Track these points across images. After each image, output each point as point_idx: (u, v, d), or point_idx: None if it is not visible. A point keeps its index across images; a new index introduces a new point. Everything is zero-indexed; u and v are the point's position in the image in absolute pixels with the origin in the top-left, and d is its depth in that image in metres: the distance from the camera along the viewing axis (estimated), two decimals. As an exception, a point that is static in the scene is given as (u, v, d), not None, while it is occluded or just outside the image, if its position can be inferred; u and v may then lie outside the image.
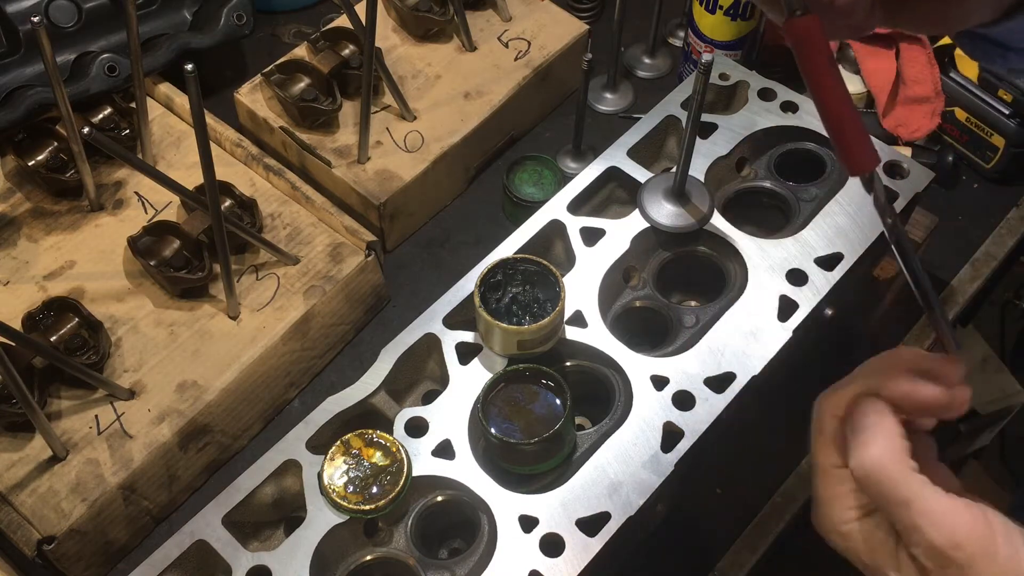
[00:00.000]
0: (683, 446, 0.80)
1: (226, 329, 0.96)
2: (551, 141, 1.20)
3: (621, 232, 0.93)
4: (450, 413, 0.83)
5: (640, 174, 0.96)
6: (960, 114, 1.17)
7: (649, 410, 0.82)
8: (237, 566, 0.77)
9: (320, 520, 0.78)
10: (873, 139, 0.56)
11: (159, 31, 1.13)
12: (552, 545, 0.76)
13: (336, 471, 0.78)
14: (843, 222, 0.92)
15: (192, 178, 1.01)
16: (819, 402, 0.59)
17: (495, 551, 0.77)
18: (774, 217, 0.99)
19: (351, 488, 0.78)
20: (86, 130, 0.82)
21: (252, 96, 1.13)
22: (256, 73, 1.13)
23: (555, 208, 0.94)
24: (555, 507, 0.78)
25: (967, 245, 1.14)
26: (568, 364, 0.88)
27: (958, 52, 1.15)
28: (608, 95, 1.24)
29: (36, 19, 0.85)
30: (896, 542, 0.54)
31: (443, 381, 0.86)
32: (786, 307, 0.88)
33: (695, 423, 0.81)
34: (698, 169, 0.95)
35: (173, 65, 1.10)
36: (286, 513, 0.84)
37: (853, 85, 1.19)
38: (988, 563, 0.50)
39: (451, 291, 0.89)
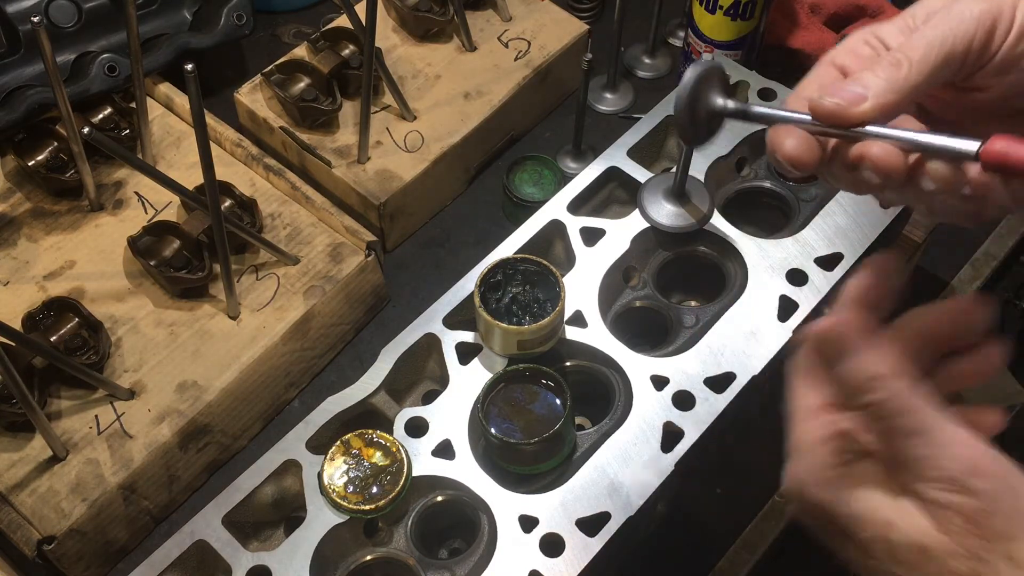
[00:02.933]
0: (683, 446, 0.80)
1: (226, 329, 0.96)
2: (551, 141, 1.20)
3: (621, 232, 0.93)
4: (450, 413, 0.83)
5: (640, 174, 0.96)
6: (960, 114, 1.17)
7: (649, 410, 0.82)
8: (237, 566, 0.77)
9: (320, 520, 0.78)
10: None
11: (159, 31, 1.13)
12: (552, 545, 0.76)
13: (336, 471, 0.78)
14: (843, 222, 0.92)
15: (192, 178, 1.01)
16: (802, 334, 0.54)
17: (495, 551, 0.77)
18: (774, 217, 0.99)
19: (351, 488, 0.78)
20: (86, 130, 0.82)
21: (252, 96, 1.13)
22: (256, 73, 1.13)
23: (555, 208, 0.94)
24: (555, 507, 0.78)
25: (967, 245, 1.14)
26: (568, 364, 0.88)
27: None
28: (608, 95, 1.24)
29: (36, 19, 0.85)
30: (897, 490, 0.49)
31: (443, 381, 0.86)
32: (786, 307, 0.88)
33: (695, 423, 0.81)
34: (698, 169, 0.95)
35: (173, 65, 1.10)
36: (286, 513, 0.84)
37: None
38: (1010, 496, 0.46)
39: (451, 291, 0.89)
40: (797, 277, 0.89)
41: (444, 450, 0.82)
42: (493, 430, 0.80)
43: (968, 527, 0.47)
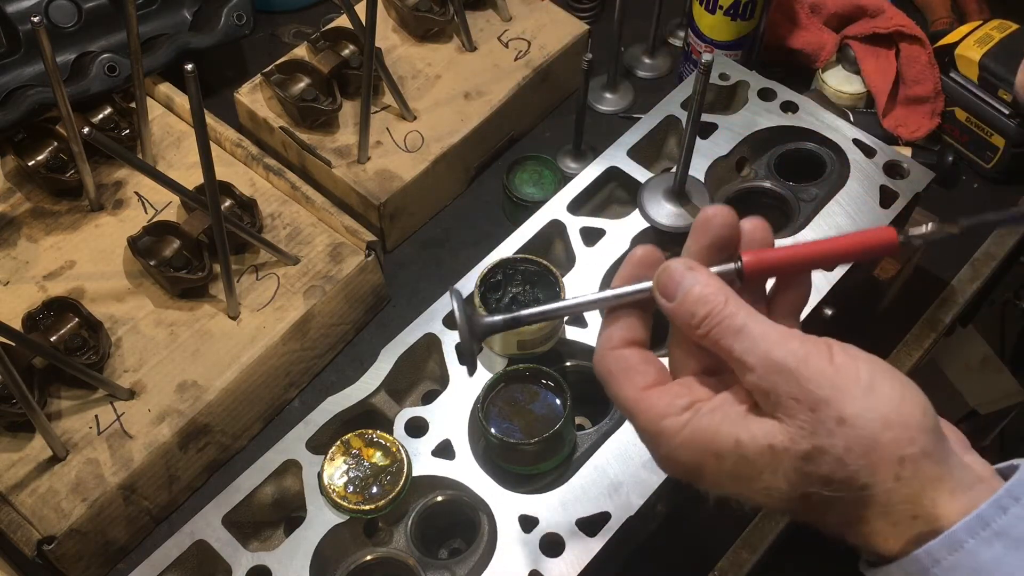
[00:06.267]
0: (683, 446, 0.80)
1: (226, 329, 0.96)
2: (551, 141, 1.20)
3: (621, 232, 0.93)
4: (450, 413, 0.83)
5: (640, 174, 0.96)
6: (960, 114, 1.17)
7: (649, 410, 0.82)
8: (237, 566, 0.77)
9: (320, 520, 0.78)
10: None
11: (159, 31, 1.13)
12: (552, 545, 0.76)
13: (336, 471, 0.78)
14: (843, 222, 0.92)
15: (192, 178, 1.01)
16: (601, 357, 0.57)
17: (495, 551, 0.77)
18: (774, 217, 0.99)
19: (351, 488, 0.78)
20: (86, 130, 0.82)
21: (252, 96, 1.13)
22: (256, 73, 1.13)
23: (555, 208, 0.94)
24: (555, 507, 0.78)
25: (967, 245, 1.14)
26: (568, 364, 0.88)
27: (958, 52, 1.15)
28: (608, 95, 1.24)
29: (36, 19, 0.85)
30: (742, 412, 0.51)
31: (443, 381, 0.86)
32: (786, 307, 0.88)
33: (695, 423, 0.81)
34: (698, 169, 0.95)
35: (173, 65, 1.10)
36: (286, 513, 0.84)
37: (853, 85, 1.19)
38: (818, 358, 0.49)
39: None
40: (797, 277, 0.89)
41: (444, 450, 0.82)
42: (493, 430, 0.80)
43: (795, 404, 0.48)
